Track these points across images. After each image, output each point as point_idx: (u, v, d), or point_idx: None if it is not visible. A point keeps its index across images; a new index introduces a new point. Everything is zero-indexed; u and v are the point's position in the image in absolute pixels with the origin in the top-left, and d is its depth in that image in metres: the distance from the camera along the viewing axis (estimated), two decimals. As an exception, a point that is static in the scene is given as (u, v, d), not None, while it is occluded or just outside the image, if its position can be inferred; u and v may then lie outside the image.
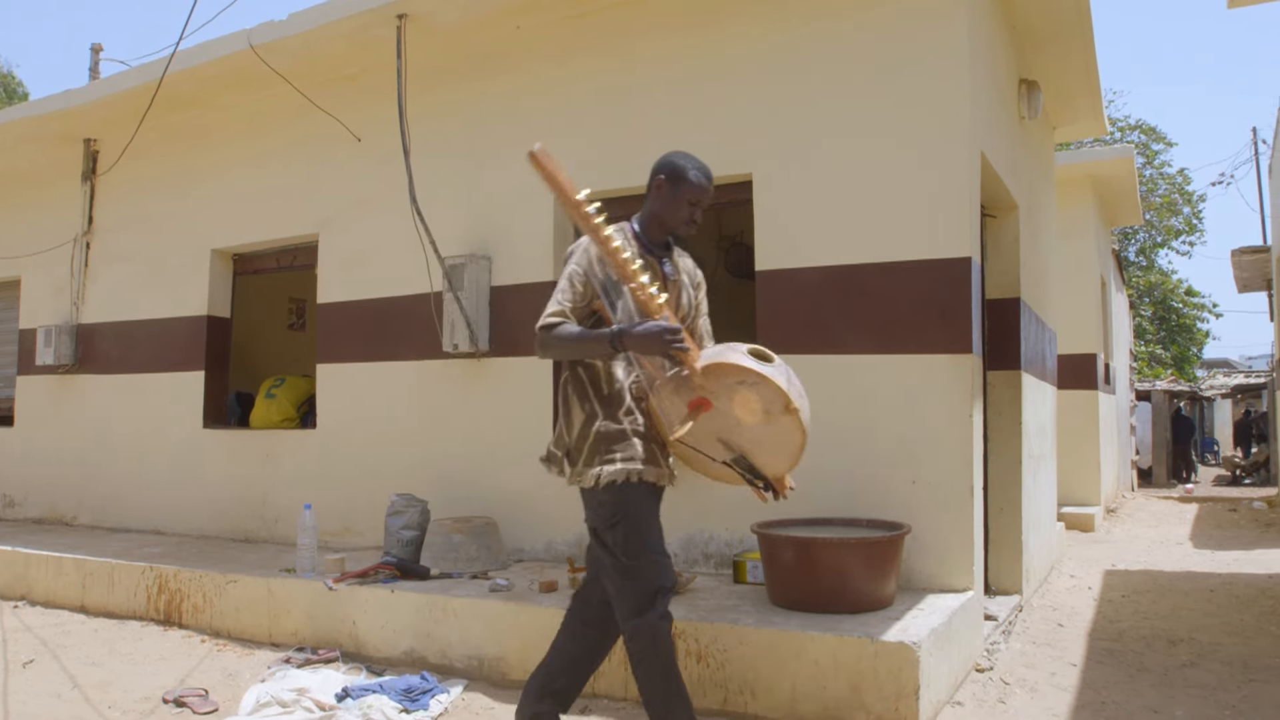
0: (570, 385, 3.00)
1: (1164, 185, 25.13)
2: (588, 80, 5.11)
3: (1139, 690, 3.88)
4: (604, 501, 2.92)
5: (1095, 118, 7.17)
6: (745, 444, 2.88)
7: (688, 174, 3.10)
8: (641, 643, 2.86)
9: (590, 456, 2.92)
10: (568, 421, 2.99)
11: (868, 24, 4.39)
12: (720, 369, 2.78)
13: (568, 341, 2.88)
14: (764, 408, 2.79)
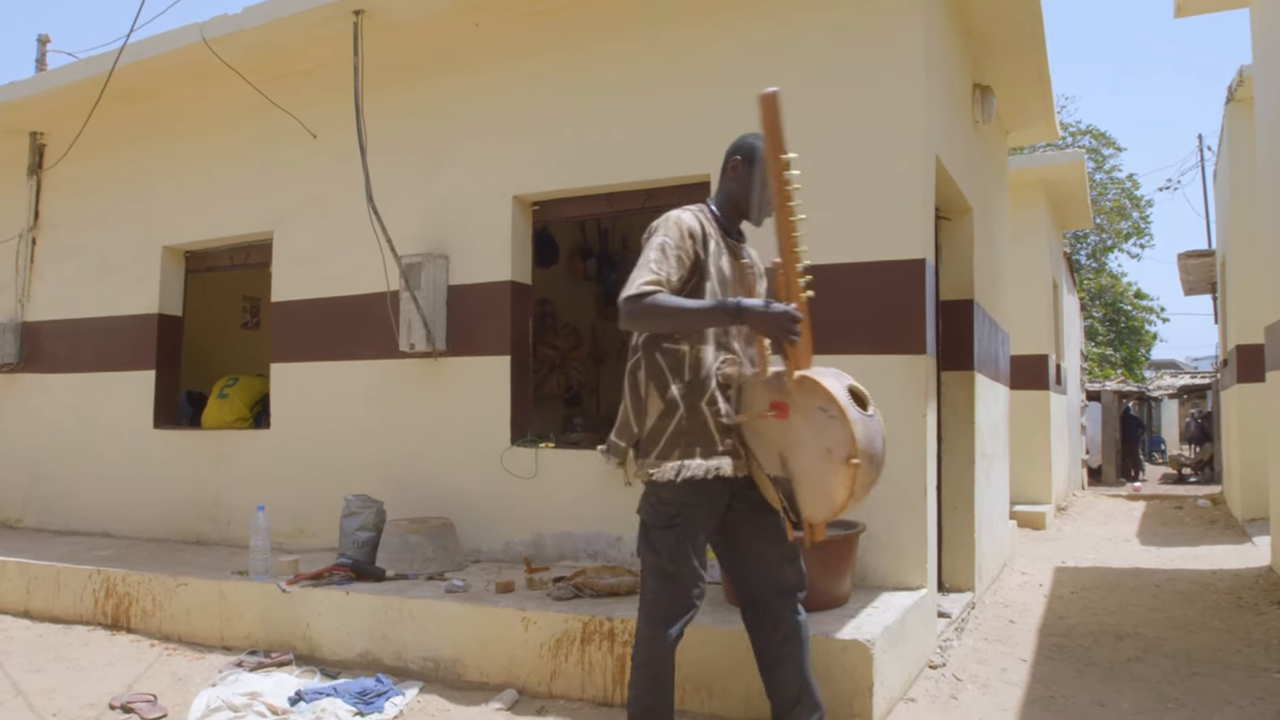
0: (646, 371, 2.80)
1: (1114, 190, 25.62)
2: (546, 79, 5.09)
3: (1087, 684, 3.96)
4: (668, 500, 2.76)
5: (1047, 123, 7.29)
6: (796, 471, 2.70)
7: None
8: (649, 651, 2.79)
9: (667, 449, 2.74)
10: (639, 411, 2.80)
11: (825, 27, 4.43)
12: (813, 386, 2.62)
13: (674, 310, 2.67)
14: (828, 446, 2.59)
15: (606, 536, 4.76)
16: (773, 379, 2.73)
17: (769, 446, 2.76)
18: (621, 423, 2.87)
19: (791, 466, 2.70)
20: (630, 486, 4.68)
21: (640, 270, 2.70)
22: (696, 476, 2.72)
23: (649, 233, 2.83)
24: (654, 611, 2.79)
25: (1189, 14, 7.26)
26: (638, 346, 2.85)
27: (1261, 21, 6.36)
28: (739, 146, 2.99)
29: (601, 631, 3.67)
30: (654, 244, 2.75)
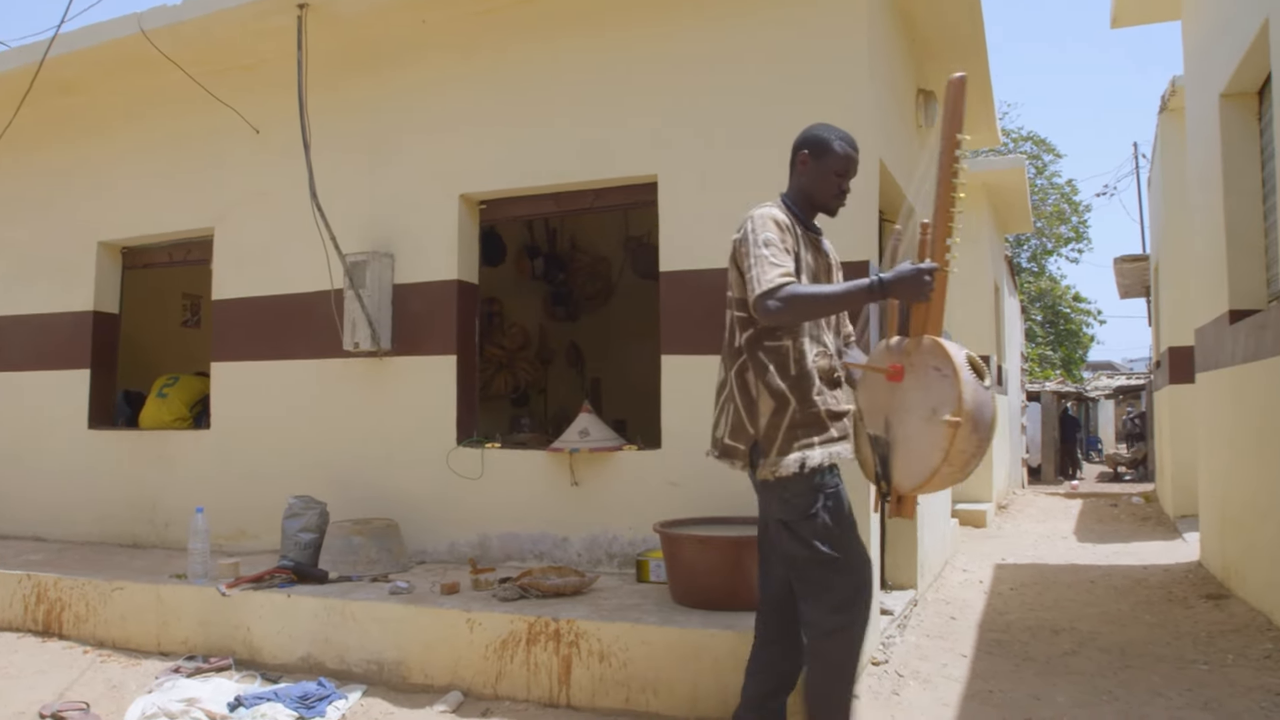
0: (752, 372, 2.81)
1: (1054, 195, 26.23)
2: (495, 77, 5.07)
3: (1024, 679, 4.04)
4: (801, 491, 2.75)
5: (989, 129, 7.44)
6: (898, 435, 2.69)
7: (832, 145, 2.93)
8: (836, 645, 2.74)
9: (786, 444, 2.74)
10: (751, 411, 2.81)
11: (772, 31, 4.47)
12: (933, 346, 2.64)
13: (818, 296, 2.69)
14: (934, 406, 2.57)
15: (553, 537, 4.75)
16: (895, 344, 2.78)
17: (877, 411, 2.78)
18: (733, 425, 2.86)
19: (894, 431, 2.70)
20: (576, 487, 4.68)
21: (762, 266, 2.70)
22: (821, 465, 2.75)
23: (743, 232, 2.82)
24: (826, 604, 2.74)
25: (1125, 25, 7.46)
26: (741, 348, 2.86)
27: (1192, 33, 6.56)
28: (806, 140, 2.98)
29: (547, 632, 3.67)
30: (758, 240, 2.75)
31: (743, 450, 2.82)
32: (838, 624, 2.74)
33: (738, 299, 2.88)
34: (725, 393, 2.92)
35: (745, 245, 2.78)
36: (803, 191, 2.98)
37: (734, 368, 2.88)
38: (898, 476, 2.70)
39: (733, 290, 2.92)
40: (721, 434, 2.92)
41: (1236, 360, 5.32)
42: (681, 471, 4.46)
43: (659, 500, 4.44)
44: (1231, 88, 5.43)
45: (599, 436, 4.72)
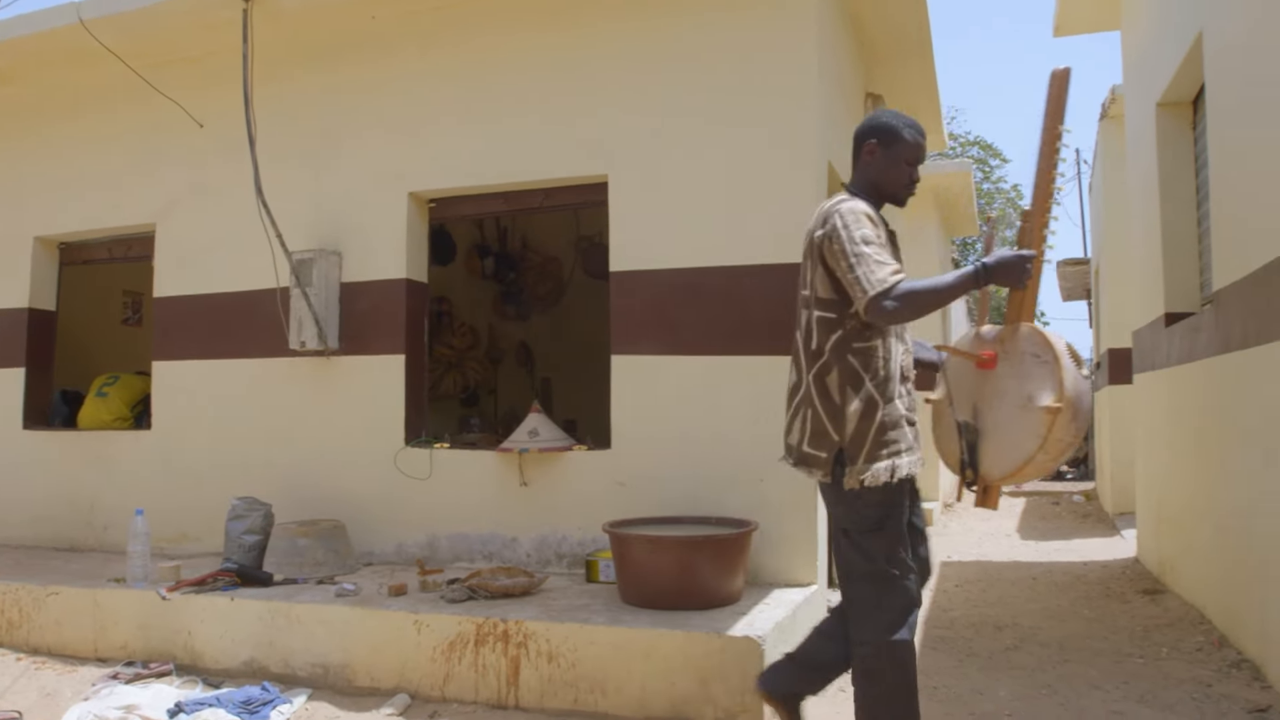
0: (838, 373, 2.66)
1: (1000, 199, 26.70)
2: (445, 74, 5.03)
3: (967, 674, 4.11)
4: (876, 502, 2.65)
5: (936, 133, 7.55)
6: (988, 423, 2.64)
7: (902, 133, 2.80)
8: (884, 661, 2.66)
9: (874, 449, 2.62)
10: (836, 415, 2.66)
11: (722, 32, 4.49)
12: (1031, 331, 2.61)
13: (937, 290, 2.58)
14: (1030, 393, 2.54)
15: (502, 537, 4.73)
16: (986, 332, 2.75)
17: (963, 398, 2.73)
18: (814, 431, 2.71)
19: (983, 418, 2.65)
20: (525, 487, 4.67)
21: (868, 265, 2.57)
22: (909, 475, 2.67)
23: (830, 228, 2.67)
24: (876, 621, 2.67)
25: (1067, 33, 7.62)
26: (823, 350, 2.70)
27: (1131, 44, 6.72)
28: (874, 129, 2.84)
29: (496, 633, 3.65)
30: (854, 238, 2.61)
31: (825, 458, 2.68)
32: (888, 642, 2.67)
33: (821, 299, 2.71)
34: (800, 396, 2.78)
35: (839, 243, 2.62)
36: (871, 182, 2.83)
37: (813, 370, 2.72)
38: (986, 465, 2.64)
39: (811, 289, 2.75)
40: (797, 441, 2.78)
41: (1172, 361, 5.47)
42: (631, 472, 4.47)
43: (608, 500, 4.45)
44: (1168, 97, 5.57)
45: (548, 437, 4.71)
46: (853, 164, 2.90)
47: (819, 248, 2.69)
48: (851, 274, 2.58)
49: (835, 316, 2.69)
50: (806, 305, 2.78)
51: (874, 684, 2.69)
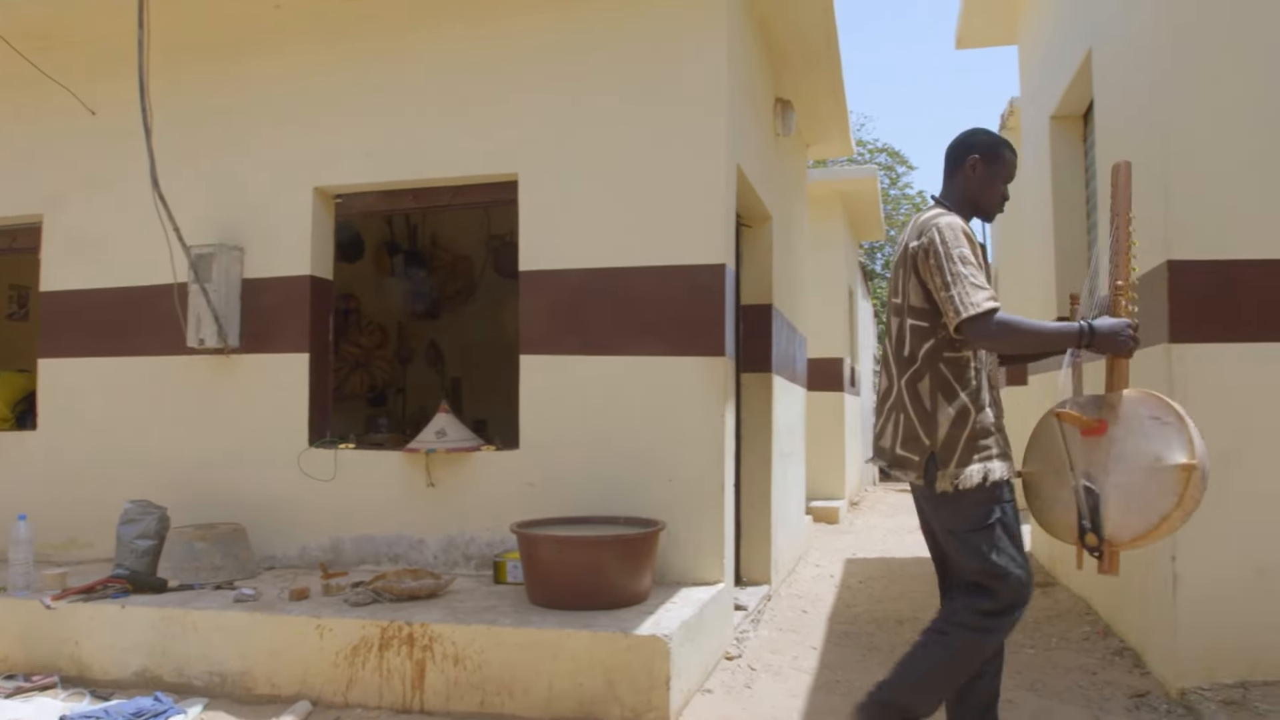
0: (931, 381, 2.71)
1: (906, 206, 27.42)
2: (353, 68, 4.93)
3: (869, 668, 4.21)
4: (980, 501, 2.68)
5: (843, 139, 7.72)
6: (1107, 486, 2.63)
7: (1003, 153, 2.88)
8: (975, 635, 2.69)
9: (966, 454, 2.67)
10: (928, 420, 2.71)
11: (636, 34, 4.51)
12: (1145, 397, 2.65)
13: (1034, 333, 2.71)
14: (1158, 453, 2.56)
15: (409, 539, 4.66)
16: (1086, 400, 2.77)
17: (1060, 467, 2.74)
18: (905, 435, 2.77)
19: (1099, 483, 2.65)
20: (432, 488, 4.61)
21: (964, 286, 2.61)
22: (1001, 478, 2.70)
23: (929, 241, 2.70)
24: (991, 604, 2.69)
25: (968, 46, 7.88)
26: (916, 357, 2.75)
27: (1027, 58, 6.98)
28: (975, 144, 2.90)
29: (401, 636, 3.60)
30: (953, 256, 2.65)
31: (917, 461, 2.73)
32: (980, 626, 2.70)
33: (916, 308, 2.76)
34: (892, 401, 2.84)
35: (937, 259, 2.66)
36: (968, 198, 2.89)
37: (905, 376, 2.78)
38: (1112, 528, 2.62)
39: (905, 298, 2.80)
40: (889, 444, 2.83)
41: (1061, 364, 5.69)
42: (540, 472, 4.46)
43: (517, 501, 4.42)
44: (1060, 110, 5.81)
45: (456, 437, 4.66)
46: (946, 177, 2.95)
47: (914, 259, 2.74)
48: (946, 292, 2.64)
49: (928, 325, 2.74)
50: (899, 313, 2.83)
51: (941, 647, 2.72)
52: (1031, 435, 2.90)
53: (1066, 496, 2.72)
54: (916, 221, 2.81)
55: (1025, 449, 2.92)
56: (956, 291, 2.61)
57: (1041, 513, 2.83)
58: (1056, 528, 2.78)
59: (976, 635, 2.70)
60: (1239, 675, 3.49)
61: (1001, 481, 2.71)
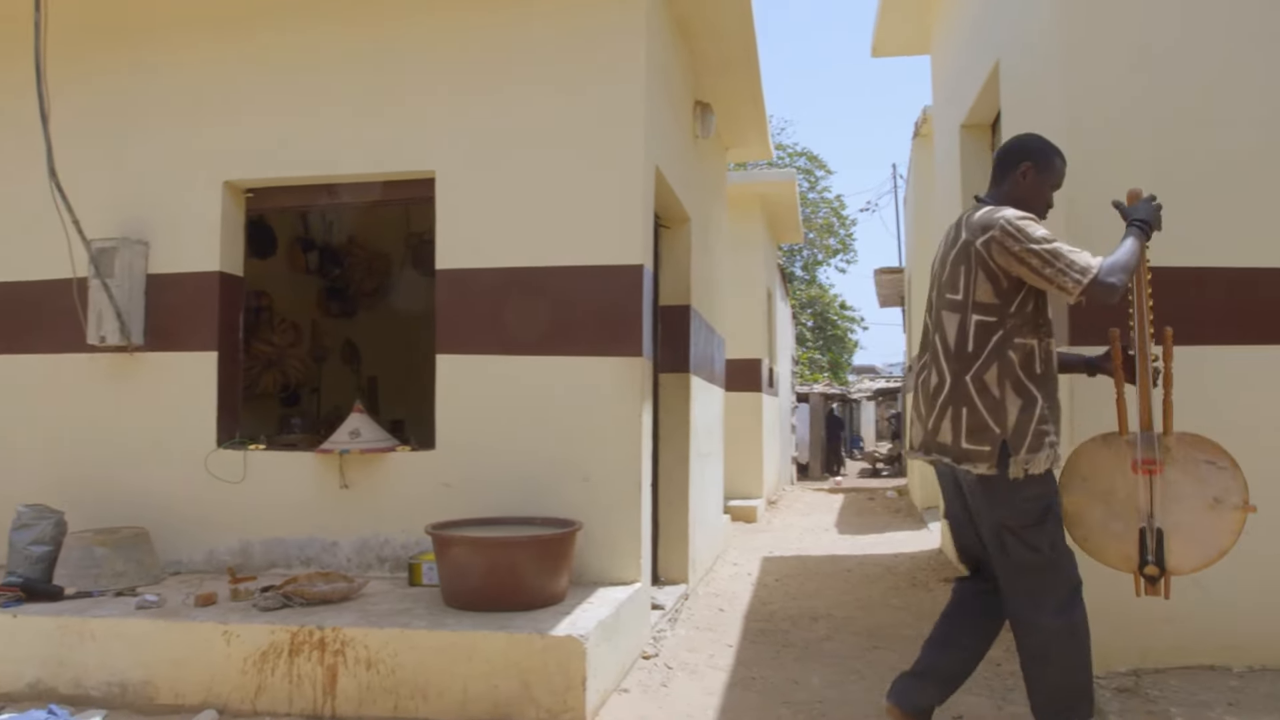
0: (998, 370, 2.80)
1: (824, 209, 27.91)
2: (268, 60, 4.80)
3: (784, 664, 4.28)
4: (1036, 495, 2.80)
5: (762, 143, 7.82)
6: (1168, 524, 2.87)
7: (1055, 161, 3.01)
8: (1065, 640, 2.79)
9: (1037, 440, 2.77)
10: (997, 410, 2.78)
11: (555, 34, 4.50)
12: (1198, 440, 2.89)
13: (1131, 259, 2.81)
14: (1216, 495, 2.86)
15: (321, 541, 4.56)
16: (1135, 438, 2.92)
17: (1125, 501, 2.92)
18: (972, 427, 2.82)
19: (1159, 518, 2.88)
20: (346, 490, 4.52)
21: (1063, 258, 2.73)
22: (1057, 465, 2.85)
23: (998, 231, 2.79)
24: (1050, 604, 2.81)
25: (884, 55, 8.07)
26: (981, 351, 2.83)
27: (939, 68, 7.18)
28: (1028, 151, 3.01)
29: (312, 641, 3.52)
30: (1034, 236, 2.76)
31: (989, 451, 2.78)
32: (1064, 625, 2.81)
33: (982, 303, 2.84)
34: (946, 395, 2.89)
35: (1018, 246, 2.76)
36: (1018, 200, 2.98)
37: (969, 371, 2.84)
38: (1175, 560, 2.88)
39: (968, 294, 2.87)
40: (950, 439, 2.87)
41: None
42: (456, 473, 4.41)
43: (433, 502, 4.37)
44: (970, 119, 5.98)
45: (371, 437, 4.58)
46: (995, 180, 3.06)
47: (982, 255, 2.83)
48: (1050, 268, 2.74)
49: (995, 320, 2.83)
50: (958, 309, 2.89)
51: (1049, 665, 2.83)
52: (1069, 465, 3.02)
53: (1120, 529, 2.93)
54: (970, 220, 2.91)
55: (1063, 477, 3.02)
56: (1063, 264, 2.73)
57: (1088, 541, 2.99)
58: (1108, 556, 2.97)
59: (1065, 636, 2.81)
60: (1132, 664, 3.64)
61: (1051, 472, 2.86)
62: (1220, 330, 3.72)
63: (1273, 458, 3.46)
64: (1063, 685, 2.84)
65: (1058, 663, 2.83)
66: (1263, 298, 3.73)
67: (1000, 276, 2.82)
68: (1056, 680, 2.84)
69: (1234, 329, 3.73)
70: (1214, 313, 3.73)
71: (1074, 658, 2.83)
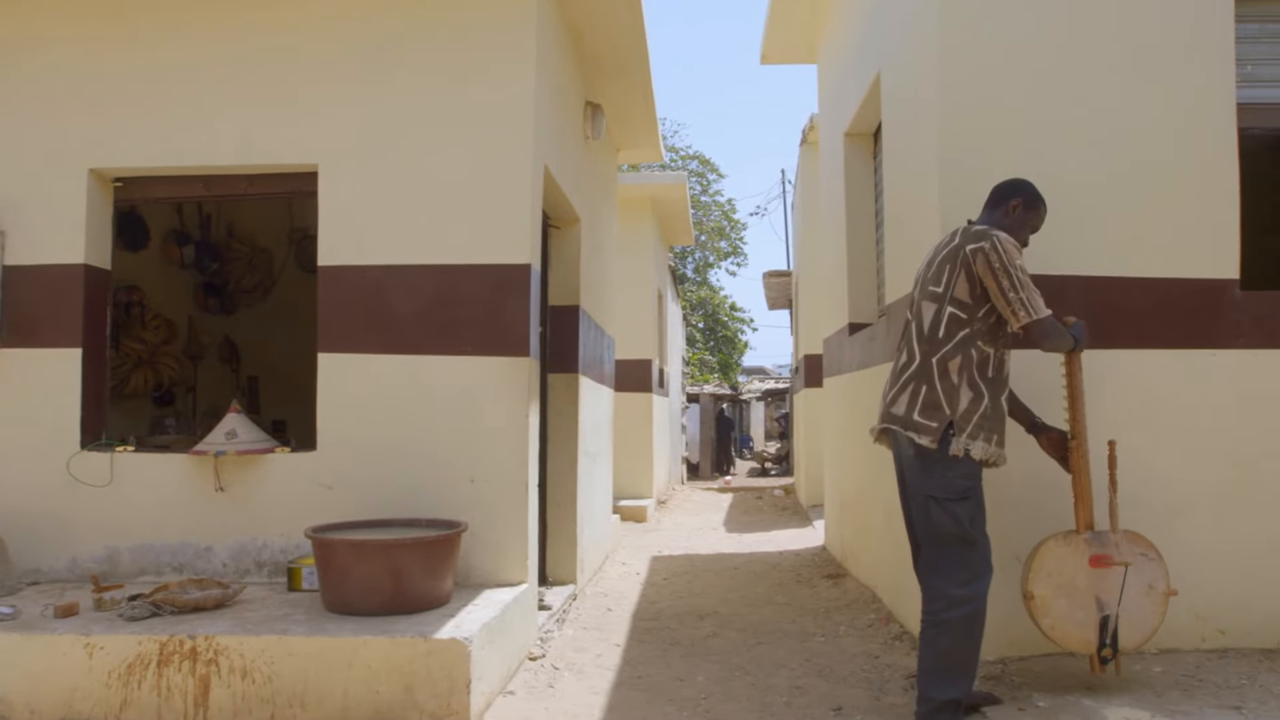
0: (959, 363, 3.18)
1: (716, 212, 28.33)
2: (140, 44, 4.57)
3: (670, 662, 4.33)
4: (967, 473, 3.16)
5: (653, 144, 7.88)
6: (1119, 611, 3.37)
7: (1040, 205, 3.41)
8: (966, 610, 3.09)
9: (975, 431, 3.15)
10: (951, 396, 3.16)
11: (445, 32, 4.43)
12: (1135, 537, 3.45)
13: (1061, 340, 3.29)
14: (1149, 582, 3.40)
15: (194, 547, 4.39)
16: (1094, 537, 3.41)
17: (1085, 591, 3.38)
18: (927, 403, 3.19)
19: (1111, 605, 3.37)
20: (221, 492, 4.36)
21: (1030, 292, 3.14)
22: (996, 463, 3.23)
23: (987, 246, 3.16)
24: (958, 576, 3.13)
25: (772, 62, 8.24)
26: (950, 339, 3.20)
27: (826, 76, 7.37)
28: (1018, 190, 3.41)
29: (182, 651, 3.38)
30: (1015, 265, 3.14)
31: (935, 427, 3.15)
32: (966, 596, 3.11)
33: (959, 300, 3.20)
34: (912, 373, 3.28)
35: (1000, 263, 3.13)
36: (1005, 229, 3.31)
37: (936, 354, 3.21)
38: (1123, 641, 3.38)
39: (949, 289, 3.23)
40: (904, 410, 3.26)
41: (854, 367, 6.05)
42: (338, 474, 4.31)
43: (314, 504, 4.26)
44: (853, 128, 6.17)
45: (248, 438, 4.43)
46: (988, 208, 3.46)
47: (969, 259, 3.19)
48: (1015, 294, 3.13)
49: (966, 317, 3.21)
50: (936, 300, 3.27)
51: (945, 633, 3.11)
52: (1036, 560, 3.43)
53: (1082, 618, 3.38)
54: (969, 230, 3.30)
55: (1026, 570, 3.45)
56: (1025, 295, 3.13)
57: (1055, 629, 3.40)
58: (1071, 642, 3.40)
59: (965, 607, 3.11)
60: (999, 653, 3.81)
61: (988, 462, 3.22)
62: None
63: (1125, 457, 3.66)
64: (952, 654, 3.11)
65: (953, 632, 3.11)
66: (1112, 304, 3.96)
67: (977, 283, 3.19)
68: (948, 647, 3.11)
69: (1095, 334, 3.95)
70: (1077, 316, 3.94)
71: (968, 631, 3.12)
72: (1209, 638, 3.90)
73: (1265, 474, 3.96)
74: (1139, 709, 3.26)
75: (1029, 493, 3.82)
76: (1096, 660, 3.38)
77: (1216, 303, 3.98)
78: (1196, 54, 4.01)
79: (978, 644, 3.16)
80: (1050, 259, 3.87)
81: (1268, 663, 3.75)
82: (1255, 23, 4.14)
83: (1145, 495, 3.84)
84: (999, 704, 3.37)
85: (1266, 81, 4.16)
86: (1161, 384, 3.99)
